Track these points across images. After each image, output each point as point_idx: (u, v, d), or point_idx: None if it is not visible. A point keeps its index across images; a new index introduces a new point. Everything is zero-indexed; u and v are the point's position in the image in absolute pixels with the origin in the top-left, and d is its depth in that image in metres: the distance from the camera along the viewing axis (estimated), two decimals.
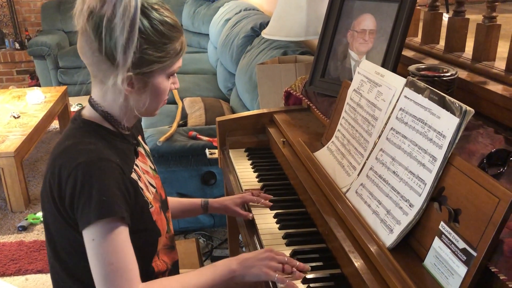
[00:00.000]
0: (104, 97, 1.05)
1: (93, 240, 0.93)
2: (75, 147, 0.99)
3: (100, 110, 1.05)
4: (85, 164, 0.95)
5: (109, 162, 0.98)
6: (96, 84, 1.05)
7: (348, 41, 1.63)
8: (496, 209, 0.81)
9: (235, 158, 1.76)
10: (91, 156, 0.96)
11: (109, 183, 0.95)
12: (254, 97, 2.82)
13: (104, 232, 0.93)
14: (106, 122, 1.06)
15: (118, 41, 0.93)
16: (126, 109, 1.05)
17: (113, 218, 0.94)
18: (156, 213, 1.12)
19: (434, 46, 1.75)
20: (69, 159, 0.96)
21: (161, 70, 1.02)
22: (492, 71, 1.41)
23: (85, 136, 1.02)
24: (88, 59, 1.00)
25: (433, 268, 0.93)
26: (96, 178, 0.94)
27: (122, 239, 0.95)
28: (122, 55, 0.94)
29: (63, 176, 0.96)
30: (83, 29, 0.98)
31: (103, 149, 0.99)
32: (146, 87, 1.02)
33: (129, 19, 0.92)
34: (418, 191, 1.01)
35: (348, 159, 1.33)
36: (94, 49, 0.97)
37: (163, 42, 1.00)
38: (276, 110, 1.88)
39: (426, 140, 1.03)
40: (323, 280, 1.10)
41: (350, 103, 1.40)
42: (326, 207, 1.25)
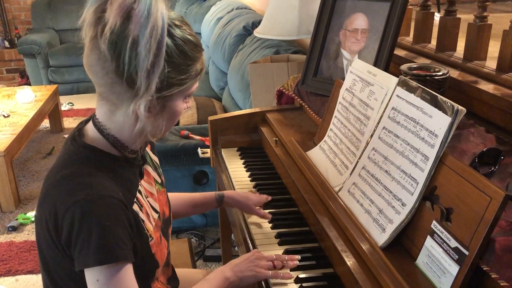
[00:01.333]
0: (113, 120, 0.95)
1: (97, 281, 0.88)
2: (73, 180, 0.91)
3: (106, 133, 0.96)
4: (83, 202, 0.87)
5: (110, 199, 0.89)
6: (104, 105, 0.95)
7: (341, 40, 1.63)
8: (487, 208, 0.82)
9: (228, 157, 1.75)
10: (90, 193, 0.88)
11: (110, 225, 0.87)
12: (246, 96, 2.81)
13: (109, 275, 0.88)
14: (112, 146, 0.97)
15: (142, 64, 0.84)
16: (139, 134, 0.96)
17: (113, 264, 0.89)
18: (156, 244, 1.06)
19: (426, 46, 1.75)
20: (66, 194, 0.89)
21: (180, 93, 0.95)
22: (483, 71, 1.42)
23: (84, 165, 0.93)
24: (99, 79, 0.90)
25: (426, 267, 0.94)
26: (95, 220, 0.87)
27: (127, 278, 0.90)
28: (145, 79, 0.86)
29: (60, 211, 0.89)
30: (94, 45, 0.88)
31: (104, 182, 0.91)
32: (164, 111, 0.94)
33: (156, 41, 0.83)
34: (410, 190, 1.02)
35: (340, 158, 1.33)
36: (108, 69, 0.87)
37: (187, 63, 0.92)
38: (268, 109, 1.87)
39: (418, 139, 1.03)
40: (315, 279, 1.10)
41: (343, 102, 1.40)
42: (319, 206, 1.25)
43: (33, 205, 3.17)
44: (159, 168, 1.20)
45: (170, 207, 1.20)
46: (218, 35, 3.68)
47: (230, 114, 1.88)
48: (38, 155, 3.96)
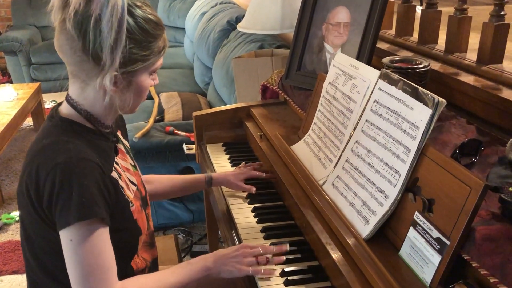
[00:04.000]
0: (84, 96, 1.02)
1: (71, 241, 0.92)
2: (53, 146, 0.96)
3: (79, 108, 1.03)
4: (63, 164, 0.92)
5: (88, 162, 0.95)
6: (75, 82, 1.02)
7: (323, 34, 1.64)
8: (468, 198, 0.83)
9: (213, 152, 1.75)
10: (69, 156, 0.94)
11: (88, 184, 0.93)
12: (231, 91, 2.81)
13: (83, 234, 0.92)
14: (86, 120, 1.03)
15: (106, 41, 0.91)
16: (109, 108, 1.03)
17: (92, 220, 0.92)
18: (137, 211, 1.11)
19: (408, 38, 1.77)
20: (47, 159, 0.94)
21: (144, 69, 1.01)
22: (464, 63, 1.44)
23: (63, 135, 0.99)
24: (68, 58, 0.98)
25: (409, 257, 0.95)
26: (75, 179, 0.92)
27: (102, 239, 0.94)
28: (110, 55, 0.93)
29: (41, 176, 0.93)
30: (62, 27, 0.95)
31: (82, 148, 0.97)
32: (130, 86, 1.01)
33: (117, 18, 0.90)
34: (393, 182, 1.03)
35: (324, 151, 1.33)
36: (76, 48, 0.95)
37: (148, 40, 0.98)
38: (253, 104, 1.87)
39: (400, 131, 1.04)
40: (301, 272, 1.11)
41: (326, 96, 1.40)
42: (303, 199, 1.25)
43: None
44: (130, 152, 1.24)
45: (145, 189, 1.24)
46: (202, 30, 3.66)
47: (215, 109, 1.88)
48: (22, 154, 3.91)
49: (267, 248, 1.13)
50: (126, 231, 1.05)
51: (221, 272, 1.08)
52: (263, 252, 1.11)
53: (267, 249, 1.13)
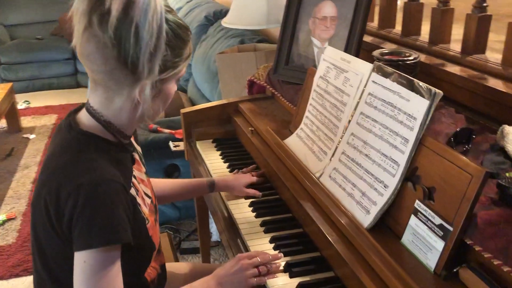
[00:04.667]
0: (109, 106, 0.97)
1: (84, 262, 0.89)
2: (76, 164, 0.92)
3: (102, 120, 0.98)
4: (87, 186, 0.89)
5: (113, 183, 0.92)
6: (99, 91, 0.97)
7: (310, 28, 1.66)
8: (469, 185, 0.86)
9: (203, 149, 1.75)
10: (93, 177, 0.90)
11: (113, 207, 0.90)
12: (213, 86, 2.81)
13: (99, 259, 0.89)
14: (107, 132, 0.99)
15: (146, 48, 0.88)
16: (135, 117, 0.99)
17: (115, 245, 0.90)
18: (152, 227, 1.08)
19: (391, 31, 1.81)
20: (69, 178, 0.90)
21: (174, 75, 0.99)
22: (449, 53, 1.48)
23: (85, 151, 0.95)
24: (98, 66, 0.92)
25: (411, 244, 0.98)
26: (99, 202, 0.89)
27: (116, 265, 0.92)
28: (148, 63, 0.89)
29: (62, 195, 0.90)
30: (90, 34, 0.89)
31: (106, 167, 0.93)
32: (160, 94, 0.98)
33: (158, 25, 0.88)
34: (392, 172, 1.06)
35: (318, 145, 1.36)
36: (108, 56, 0.90)
37: (180, 46, 0.96)
38: (240, 100, 1.88)
39: (396, 122, 1.07)
40: (304, 264, 1.13)
41: (317, 90, 1.42)
42: (301, 192, 1.27)
43: None
44: (142, 158, 1.21)
45: (155, 196, 1.22)
46: None
47: (203, 106, 1.88)
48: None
49: (264, 256, 1.12)
50: (141, 248, 1.02)
51: None
52: (262, 261, 1.10)
53: (264, 257, 1.11)
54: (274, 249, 1.19)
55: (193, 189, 1.46)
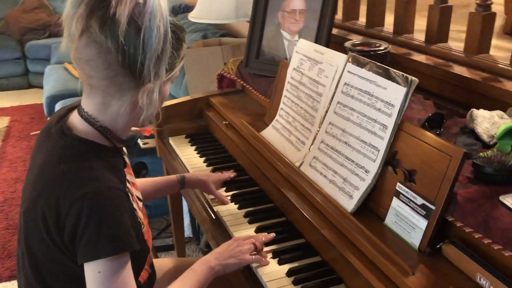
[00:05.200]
0: (106, 111, 0.95)
1: (99, 272, 0.87)
2: (76, 174, 0.90)
3: (98, 125, 0.95)
4: (91, 196, 0.87)
5: (117, 191, 0.91)
6: (95, 96, 0.94)
7: (279, 21, 1.69)
8: (449, 165, 0.92)
9: (177, 145, 1.75)
10: (97, 186, 0.88)
11: (120, 216, 0.89)
12: (177, 82, 2.79)
13: (113, 267, 0.88)
14: (102, 137, 0.96)
15: (153, 53, 0.87)
16: (134, 121, 0.98)
17: (125, 253, 0.89)
18: (146, 231, 1.08)
19: (355, 23, 1.87)
20: (70, 189, 0.88)
21: (171, 77, 0.98)
22: (414, 43, 1.55)
23: (83, 159, 0.92)
24: (99, 72, 0.90)
25: (395, 225, 1.03)
26: (105, 212, 0.87)
27: (129, 272, 0.91)
28: (154, 67, 0.89)
29: (63, 206, 0.87)
30: (90, 39, 0.87)
31: (106, 175, 0.91)
32: (159, 96, 0.96)
33: (164, 28, 0.87)
34: (372, 158, 1.10)
35: (295, 135, 1.39)
36: (111, 61, 0.88)
37: (178, 47, 0.96)
38: (211, 94, 1.89)
39: (374, 110, 1.12)
40: (290, 251, 1.16)
41: (291, 82, 1.46)
42: (282, 182, 1.30)
43: None
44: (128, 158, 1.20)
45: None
46: None
47: (173, 101, 1.87)
48: None
49: (257, 236, 1.16)
50: (139, 253, 1.01)
51: (226, 267, 1.08)
52: (255, 240, 1.14)
53: (257, 238, 1.15)
54: None
55: (164, 188, 1.44)
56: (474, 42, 1.34)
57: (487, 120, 1.12)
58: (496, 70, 1.27)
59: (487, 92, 1.24)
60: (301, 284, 1.05)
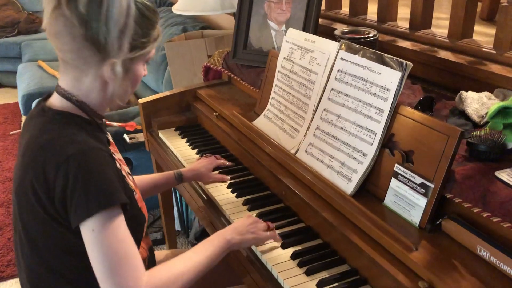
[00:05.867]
0: (79, 86, 0.99)
1: (92, 230, 0.89)
2: (59, 140, 0.93)
3: (74, 100, 0.99)
4: (76, 156, 0.90)
5: (100, 151, 0.94)
6: (68, 72, 0.99)
7: (266, 12, 1.70)
8: (446, 144, 0.96)
9: (168, 138, 1.75)
10: (80, 147, 0.92)
11: (106, 171, 0.92)
12: (159, 76, 2.77)
13: (105, 222, 0.90)
14: (82, 112, 1.00)
15: (115, 27, 0.90)
16: (108, 97, 1.01)
17: (114, 207, 0.91)
18: (140, 200, 1.11)
19: (339, 12, 1.90)
20: (55, 154, 0.91)
21: (142, 57, 1.00)
22: (398, 30, 1.60)
23: (65, 128, 0.96)
24: (66, 45, 0.94)
25: (394, 205, 1.07)
26: (91, 169, 0.90)
27: (123, 226, 0.93)
28: (117, 41, 0.92)
29: (50, 171, 0.90)
30: (58, 13, 0.91)
31: (88, 139, 0.95)
32: (128, 74, 0.99)
33: (127, 2, 0.91)
34: (369, 141, 1.14)
35: (289, 123, 1.42)
36: (76, 34, 0.92)
37: (147, 27, 0.98)
38: (199, 86, 1.89)
39: (369, 95, 1.15)
40: (292, 235, 1.19)
41: (282, 71, 1.48)
42: (279, 169, 1.33)
43: None
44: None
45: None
46: None
47: (161, 95, 1.87)
48: None
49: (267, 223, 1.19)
50: (134, 219, 1.04)
51: (242, 242, 1.11)
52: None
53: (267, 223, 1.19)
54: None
55: (162, 184, 1.45)
56: (458, 27, 1.39)
57: (476, 101, 1.17)
58: (481, 53, 1.32)
59: (473, 75, 1.29)
60: (306, 266, 1.08)
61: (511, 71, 1.23)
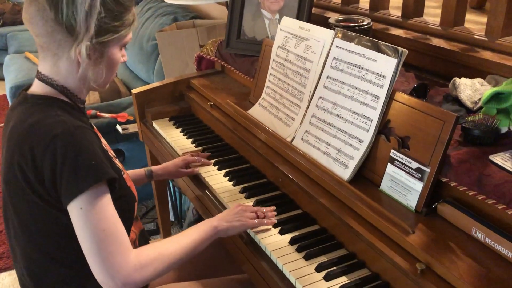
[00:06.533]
0: (57, 70, 1.01)
1: (81, 209, 0.91)
2: (44, 122, 0.95)
3: (55, 84, 1.01)
4: (63, 135, 0.92)
5: (85, 129, 0.96)
6: (46, 57, 1.01)
7: (259, 0, 1.70)
8: (442, 129, 0.98)
9: (162, 128, 1.75)
10: (66, 126, 0.93)
11: (93, 147, 0.94)
12: (149, 67, 2.76)
13: (92, 200, 0.92)
14: (63, 95, 1.02)
15: (80, 8, 0.92)
16: (83, 81, 1.02)
17: (103, 182, 0.93)
18: (128, 179, 1.14)
19: (331, 0, 1.91)
20: (41, 135, 0.93)
21: (116, 40, 1.02)
22: (391, 18, 1.61)
23: (48, 111, 0.97)
24: (39, 29, 0.96)
25: (390, 190, 1.09)
26: (78, 147, 0.92)
27: (110, 204, 0.95)
28: (84, 23, 0.93)
29: (38, 153, 0.92)
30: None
31: (73, 119, 0.97)
32: (102, 57, 1.01)
33: None
34: (365, 128, 1.16)
35: (284, 111, 1.43)
36: (47, 18, 0.94)
37: (119, 11, 1.00)
38: (192, 76, 1.89)
39: (365, 82, 1.17)
40: (290, 221, 1.21)
41: (277, 60, 1.49)
42: (275, 157, 1.34)
43: None
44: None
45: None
46: None
47: (154, 85, 1.87)
48: None
49: (258, 207, 1.21)
50: (124, 198, 1.06)
51: (228, 229, 1.13)
52: (257, 209, 1.19)
53: (259, 208, 1.21)
54: None
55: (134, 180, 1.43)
56: (450, 15, 1.40)
57: (469, 88, 1.19)
58: (473, 41, 1.34)
59: (466, 62, 1.31)
60: (305, 251, 1.10)
61: (502, 58, 1.25)
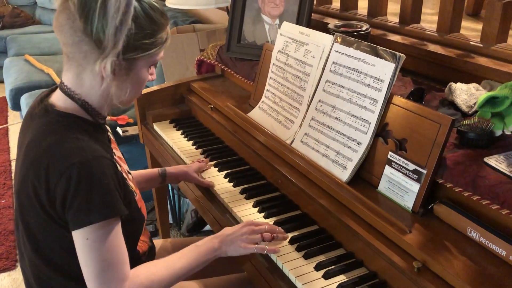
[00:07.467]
0: (80, 83, 0.99)
1: (87, 239, 0.92)
2: (62, 145, 0.93)
3: (78, 98, 1.00)
4: (79, 164, 0.91)
5: (103, 160, 0.94)
6: (71, 67, 0.99)
7: (260, 6, 1.74)
8: (438, 132, 1.01)
9: (163, 130, 1.78)
10: (84, 156, 0.92)
11: (108, 183, 0.93)
12: None
13: (100, 233, 0.92)
14: (84, 112, 1.01)
15: (111, 22, 0.90)
16: (105, 97, 1.00)
17: (113, 218, 0.93)
18: (139, 199, 1.13)
19: (330, 7, 1.94)
20: (58, 159, 0.92)
21: (145, 58, 0.99)
22: (388, 25, 1.64)
23: (68, 131, 0.96)
24: (67, 38, 0.94)
25: (388, 191, 1.12)
26: (94, 179, 0.91)
27: (118, 236, 0.95)
28: (113, 37, 0.91)
29: (53, 177, 0.91)
30: (64, 6, 0.93)
31: (92, 145, 0.95)
32: (128, 74, 0.99)
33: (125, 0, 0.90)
34: (363, 130, 1.18)
35: (284, 114, 1.46)
36: (76, 28, 0.92)
37: (152, 28, 0.97)
38: (192, 79, 1.92)
39: (364, 86, 1.20)
40: (289, 221, 1.23)
41: (277, 64, 1.52)
42: (275, 159, 1.37)
43: None
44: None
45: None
46: None
47: (155, 87, 1.89)
48: None
49: (272, 226, 1.16)
50: (133, 221, 1.06)
51: (228, 252, 1.11)
52: (269, 230, 1.14)
53: (272, 228, 1.15)
54: (259, 212, 1.28)
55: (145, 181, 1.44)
56: (447, 22, 1.44)
57: (465, 92, 1.22)
58: (468, 47, 1.38)
59: (461, 67, 1.34)
60: (304, 250, 1.12)
61: (497, 64, 1.28)
